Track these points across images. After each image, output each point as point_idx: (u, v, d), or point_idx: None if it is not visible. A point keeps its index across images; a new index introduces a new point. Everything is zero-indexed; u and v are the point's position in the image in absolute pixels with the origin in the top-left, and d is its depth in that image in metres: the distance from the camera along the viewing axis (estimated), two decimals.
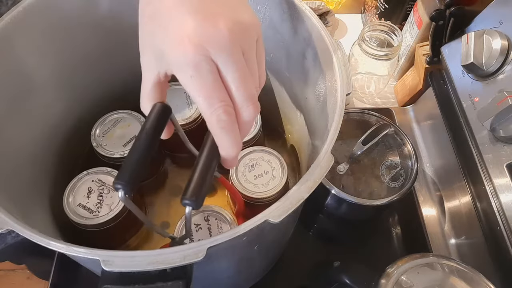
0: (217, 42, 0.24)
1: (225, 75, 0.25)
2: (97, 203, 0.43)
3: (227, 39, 0.24)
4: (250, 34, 0.26)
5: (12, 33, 0.37)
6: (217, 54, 0.24)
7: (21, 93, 0.40)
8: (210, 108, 0.25)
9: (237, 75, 0.25)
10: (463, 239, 0.52)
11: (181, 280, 0.25)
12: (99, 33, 0.45)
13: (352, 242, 0.55)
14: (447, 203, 0.56)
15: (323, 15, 0.74)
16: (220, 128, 0.25)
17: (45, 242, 0.26)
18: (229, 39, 0.24)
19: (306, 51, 0.40)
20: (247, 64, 0.26)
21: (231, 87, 0.25)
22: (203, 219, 0.42)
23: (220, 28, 0.24)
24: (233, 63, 0.25)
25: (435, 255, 0.36)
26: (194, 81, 0.25)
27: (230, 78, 0.25)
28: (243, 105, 0.26)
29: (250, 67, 0.26)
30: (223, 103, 0.25)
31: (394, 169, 0.51)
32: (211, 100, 0.25)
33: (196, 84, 0.25)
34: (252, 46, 0.26)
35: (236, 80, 0.25)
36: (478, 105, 0.47)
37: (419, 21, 0.62)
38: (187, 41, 0.24)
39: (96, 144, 0.47)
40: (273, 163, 0.46)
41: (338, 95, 0.34)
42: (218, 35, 0.24)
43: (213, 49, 0.24)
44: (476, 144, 0.46)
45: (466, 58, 0.47)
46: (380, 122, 0.53)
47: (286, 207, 0.27)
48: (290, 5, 0.39)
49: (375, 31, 0.61)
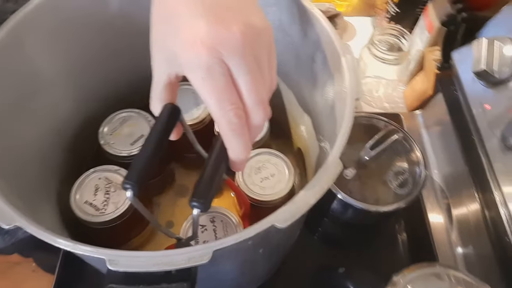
0: (230, 45, 0.24)
1: (237, 78, 0.25)
2: (104, 201, 0.43)
3: (240, 42, 0.24)
4: (262, 38, 0.26)
5: (21, 32, 0.37)
6: (229, 57, 0.24)
7: (29, 91, 0.40)
8: (221, 111, 0.25)
9: (249, 79, 0.25)
10: (470, 248, 0.51)
11: (185, 282, 0.25)
12: (107, 33, 0.46)
13: (357, 248, 0.55)
14: (454, 211, 0.55)
15: (332, 17, 0.73)
16: (231, 131, 0.25)
17: (52, 239, 0.26)
18: (242, 42, 0.24)
19: (315, 54, 0.40)
20: (258, 68, 0.26)
21: (243, 90, 0.25)
22: (209, 221, 0.42)
23: (233, 31, 0.24)
24: (245, 66, 0.25)
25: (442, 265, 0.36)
26: (206, 83, 0.25)
27: (242, 81, 0.25)
28: (254, 109, 0.26)
29: (262, 71, 0.26)
30: (234, 106, 0.25)
31: (401, 175, 0.50)
32: (222, 102, 0.25)
33: (208, 87, 0.25)
34: (264, 50, 0.26)
35: (248, 83, 0.25)
36: (489, 112, 0.47)
37: (430, 26, 0.61)
38: (200, 44, 0.24)
39: (104, 142, 0.47)
40: (280, 166, 0.46)
41: (347, 100, 0.34)
42: (231, 38, 0.24)
43: (226, 51, 0.24)
44: (485, 152, 0.46)
45: (478, 64, 0.46)
46: (388, 127, 0.53)
47: (293, 212, 0.27)
48: (300, 8, 0.39)
49: (385, 35, 0.61)
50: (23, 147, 0.39)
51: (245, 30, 0.25)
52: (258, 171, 0.46)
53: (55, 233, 0.27)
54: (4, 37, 0.36)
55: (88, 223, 0.42)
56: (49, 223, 0.40)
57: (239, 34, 0.24)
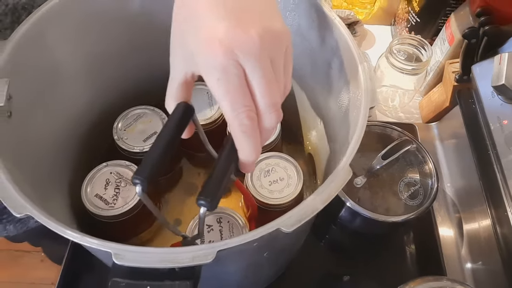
0: (246, 47, 0.24)
1: (251, 80, 0.25)
2: (114, 195, 0.44)
3: (257, 46, 0.24)
4: (280, 42, 0.26)
5: (46, 25, 0.38)
6: (245, 59, 0.25)
7: (49, 84, 0.41)
8: (233, 112, 0.25)
9: (263, 82, 0.25)
10: (480, 264, 0.50)
11: (188, 280, 0.25)
12: (131, 29, 0.46)
13: (364, 257, 0.54)
14: (466, 226, 0.54)
15: (352, 24, 0.73)
16: (242, 132, 0.26)
17: (60, 230, 0.27)
18: (259, 45, 0.24)
19: (332, 60, 0.40)
20: (274, 72, 0.26)
21: (256, 93, 0.25)
22: (216, 221, 0.42)
23: (251, 34, 0.24)
24: (260, 69, 0.25)
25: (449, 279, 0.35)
26: (220, 84, 0.25)
27: (256, 84, 0.25)
28: (266, 112, 0.26)
29: (277, 75, 0.26)
30: (246, 108, 0.25)
31: (413, 186, 0.49)
32: (235, 104, 0.25)
33: (222, 87, 0.25)
34: (281, 55, 0.27)
35: (262, 86, 0.25)
36: (506, 128, 0.46)
37: (451, 38, 0.60)
38: (217, 44, 0.24)
39: (118, 138, 0.48)
40: (289, 170, 0.46)
41: (362, 108, 0.33)
42: (249, 41, 0.24)
43: (242, 54, 0.24)
44: (501, 168, 0.45)
45: (498, 79, 0.45)
46: (402, 138, 0.52)
47: (300, 217, 0.27)
48: (320, 13, 0.39)
49: (404, 44, 0.60)
50: (39, 139, 0.40)
51: (263, 34, 0.25)
52: (267, 174, 0.46)
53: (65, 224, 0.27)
54: (28, 29, 0.36)
55: (97, 216, 0.42)
56: (60, 214, 0.40)
57: (256, 37, 0.24)
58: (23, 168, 0.34)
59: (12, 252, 1.29)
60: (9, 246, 1.27)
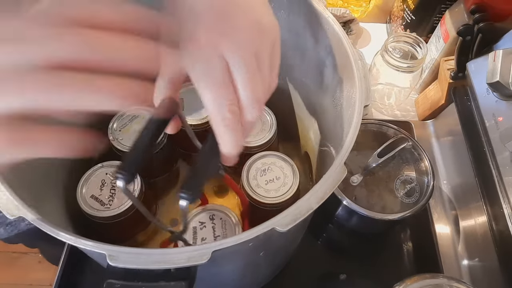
0: (231, 41, 0.24)
1: (235, 74, 0.25)
2: (109, 196, 0.43)
3: (241, 39, 0.24)
4: (266, 37, 0.26)
5: None
6: (229, 52, 0.24)
7: None
8: (215, 106, 0.25)
9: (246, 77, 0.25)
10: (476, 261, 0.50)
11: (184, 281, 0.25)
12: None
13: (361, 255, 0.54)
14: (462, 223, 0.54)
15: (347, 23, 0.73)
16: (224, 126, 0.25)
17: (54, 232, 0.27)
18: (244, 39, 0.24)
19: (326, 59, 0.40)
20: (258, 67, 0.26)
21: (239, 87, 0.25)
22: (208, 218, 0.42)
23: (237, 27, 0.24)
24: (244, 64, 0.25)
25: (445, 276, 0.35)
26: (203, 77, 0.25)
27: (239, 79, 0.25)
28: (248, 106, 0.26)
29: (261, 70, 0.26)
30: (229, 102, 0.25)
31: (409, 184, 0.50)
32: (218, 97, 0.25)
33: (205, 80, 0.25)
34: (267, 49, 0.26)
35: (245, 81, 0.25)
36: (501, 125, 0.46)
37: (445, 35, 0.60)
38: (202, 38, 0.24)
39: (113, 138, 0.48)
40: (286, 169, 0.46)
41: (356, 106, 0.33)
42: (233, 34, 0.24)
43: (226, 47, 0.24)
44: (496, 165, 0.45)
45: (492, 76, 0.45)
46: (398, 135, 0.52)
47: (295, 216, 0.27)
48: (313, 12, 0.39)
49: (399, 42, 0.60)
50: None
51: (249, 28, 0.25)
52: (263, 173, 0.46)
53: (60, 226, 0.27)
54: None
55: (93, 217, 0.42)
56: (55, 216, 0.40)
57: (242, 31, 0.24)
58: (16, 170, 0.34)
59: (9, 254, 1.28)
60: (6, 248, 1.26)
